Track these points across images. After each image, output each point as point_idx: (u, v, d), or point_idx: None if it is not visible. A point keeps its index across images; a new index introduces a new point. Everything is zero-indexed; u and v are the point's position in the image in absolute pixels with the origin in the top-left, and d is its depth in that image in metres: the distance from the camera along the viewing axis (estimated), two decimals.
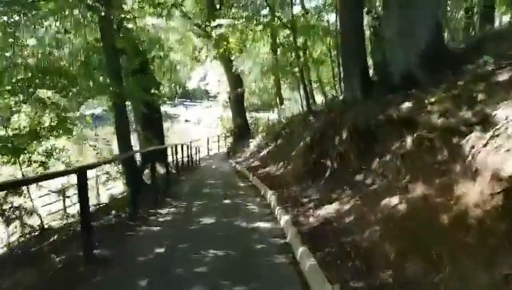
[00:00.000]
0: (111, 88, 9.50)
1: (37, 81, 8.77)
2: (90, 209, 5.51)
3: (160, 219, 7.03)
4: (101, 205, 9.95)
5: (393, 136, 6.48)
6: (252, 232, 5.94)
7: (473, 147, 3.98)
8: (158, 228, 6.42)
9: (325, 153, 8.20)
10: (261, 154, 17.47)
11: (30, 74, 8.63)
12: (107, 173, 13.04)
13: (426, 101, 5.65)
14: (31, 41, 9.68)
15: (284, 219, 6.06)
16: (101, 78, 10.53)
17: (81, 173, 4.93)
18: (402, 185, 4.99)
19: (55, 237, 6.76)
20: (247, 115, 27.42)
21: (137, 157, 15.49)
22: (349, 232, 4.90)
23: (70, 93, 9.46)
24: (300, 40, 15.76)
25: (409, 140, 5.60)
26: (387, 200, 4.92)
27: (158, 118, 16.13)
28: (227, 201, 8.46)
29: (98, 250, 5.05)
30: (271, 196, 7.94)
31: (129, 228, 6.31)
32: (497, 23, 12.72)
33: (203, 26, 21.63)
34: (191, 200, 8.75)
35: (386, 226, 4.42)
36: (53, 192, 12.27)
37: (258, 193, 9.18)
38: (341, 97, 15.81)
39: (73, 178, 11.99)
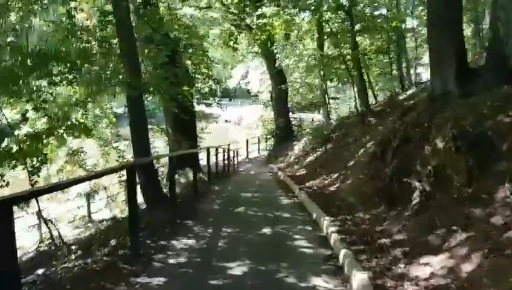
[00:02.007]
0: (120, 77, 7.49)
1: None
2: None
3: (170, 260, 4.85)
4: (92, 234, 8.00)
5: None
6: None
7: None
8: (162, 279, 4.24)
9: (407, 168, 5.76)
10: (307, 160, 15.10)
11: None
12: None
13: None
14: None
15: (359, 279, 3.71)
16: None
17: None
18: None
19: None
20: (290, 115, 25.08)
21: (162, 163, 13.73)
22: None
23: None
24: (357, 27, 13.30)
25: None
26: None
27: (190, 118, 14.13)
28: (266, 230, 6.18)
29: None
30: (329, 226, 5.60)
31: (121, 279, 4.19)
32: None
33: (244, 16, 19.57)
34: (219, 226, 6.55)
35: None
36: None
37: (309, 217, 6.84)
38: (408, 91, 13.36)
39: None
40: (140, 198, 9.18)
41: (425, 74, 19.43)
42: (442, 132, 5.21)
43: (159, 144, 14.15)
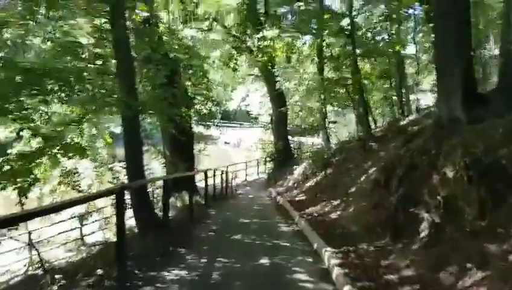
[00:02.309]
0: (115, 96, 7.24)
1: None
2: None
3: None
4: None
5: None
6: None
7: None
8: None
9: (414, 198, 5.45)
10: (307, 185, 14.75)
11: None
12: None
13: None
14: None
15: None
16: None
17: None
18: None
19: None
20: (290, 138, 24.83)
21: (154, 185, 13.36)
22: None
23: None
24: (358, 51, 13.18)
25: None
26: None
27: (188, 139, 13.84)
28: (264, 261, 5.80)
29: None
30: (331, 258, 5.24)
31: None
32: None
33: (245, 39, 19.55)
34: (213, 255, 6.17)
35: None
36: None
37: (310, 247, 6.47)
38: (409, 117, 13.15)
39: None
40: (133, 222, 8.88)
41: (423, 100, 19.34)
42: (452, 160, 4.93)
43: (155, 165, 13.83)
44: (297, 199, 13.13)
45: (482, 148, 4.61)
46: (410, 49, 19.30)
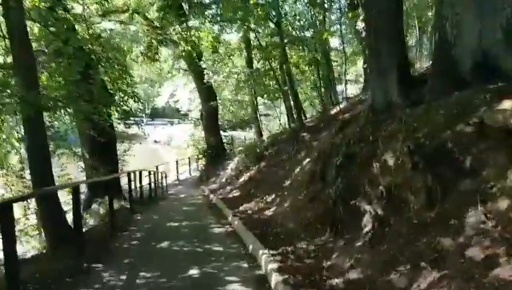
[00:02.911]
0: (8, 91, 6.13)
1: None
2: None
3: None
4: None
5: (500, 160, 3.50)
6: None
7: None
8: None
9: (353, 189, 5.04)
10: (241, 180, 14.23)
11: None
12: None
13: None
14: None
15: None
16: None
17: None
18: None
19: None
20: (222, 133, 24.19)
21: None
22: None
23: None
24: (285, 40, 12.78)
25: None
26: None
27: (109, 140, 12.62)
28: (194, 271, 5.09)
29: None
30: (268, 262, 4.66)
31: None
32: None
33: (168, 30, 18.48)
34: (135, 269, 5.35)
35: None
36: None
37: (245, 250, 5.87)
38: (340, 105, 12.97)
39: None
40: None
41: (349, 90, 19.55)
42: (392, 147, 4.56)
43: (73, 170, 12.51)
44: (230, 195, 12.54)
45: (424, 132, 4.27)
46: (335, 42, 19.51)
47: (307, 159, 8.90)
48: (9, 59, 9.04)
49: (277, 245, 5.40)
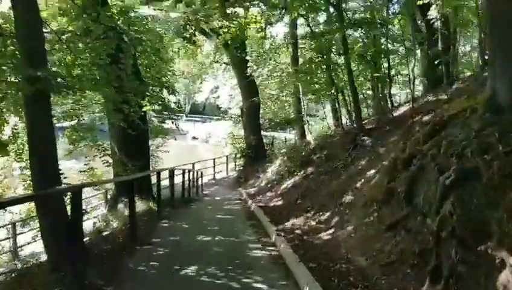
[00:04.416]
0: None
1: None
2: None
3: None
4: None
5: None
6: None
7: None
8: None
9: (479, 225, 3.29)
10: (283, 186, 12.58)
11: None
12: None
13: None
14: None
15: None
16: None
17: None
18: None
19: None
20: (262, 133, 22.62)
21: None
22: None
23: None
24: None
25: None
26: None
27: (140, 134, 11.18)
28: None
29: None
30: None
31: None
32: None
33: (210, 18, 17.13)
34: None
35: None
36: None
37: None
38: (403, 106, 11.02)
39: None
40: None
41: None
42: None
43: (99, 164, 11.28)
44: (272, 204, 10.92)
45: None
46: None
47: (373, 170, 7.13)
48: None
49: None
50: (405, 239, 4.26)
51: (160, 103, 11.15)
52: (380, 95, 14.11)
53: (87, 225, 9.69)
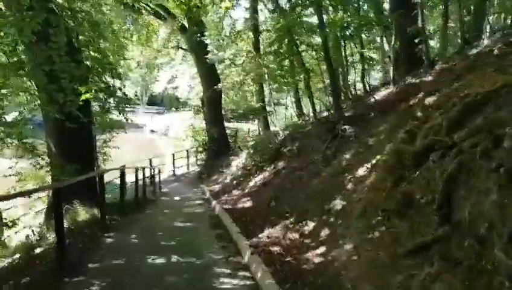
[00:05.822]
0: None
1: None
2: None
3: None
4: None
5: None
6: None
7: None
8: None
9: None
10: (252, 184, 11.16)
11: None
12: None
13: None
14: None
15: None
16: None
17: None
18: None
19: None
20: (225, 124, 21.09)
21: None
22: None
23: None
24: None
25: None
26: None
27: (81, 127, 9.27)
28: None
29: None
30: None
31: None
32: None
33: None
34: None
35: None
36: None
37: None
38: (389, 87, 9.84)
39: None
40: None
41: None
42: None
43: (25, 164, 9.40)
44: (240, 205, 9.46)
45: None
46: None
47: (364, 166, 5.80)
48: None
49: None
50: (444, 272, 2.90)
51: (102, 89, 9.33)
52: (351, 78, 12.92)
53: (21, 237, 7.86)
